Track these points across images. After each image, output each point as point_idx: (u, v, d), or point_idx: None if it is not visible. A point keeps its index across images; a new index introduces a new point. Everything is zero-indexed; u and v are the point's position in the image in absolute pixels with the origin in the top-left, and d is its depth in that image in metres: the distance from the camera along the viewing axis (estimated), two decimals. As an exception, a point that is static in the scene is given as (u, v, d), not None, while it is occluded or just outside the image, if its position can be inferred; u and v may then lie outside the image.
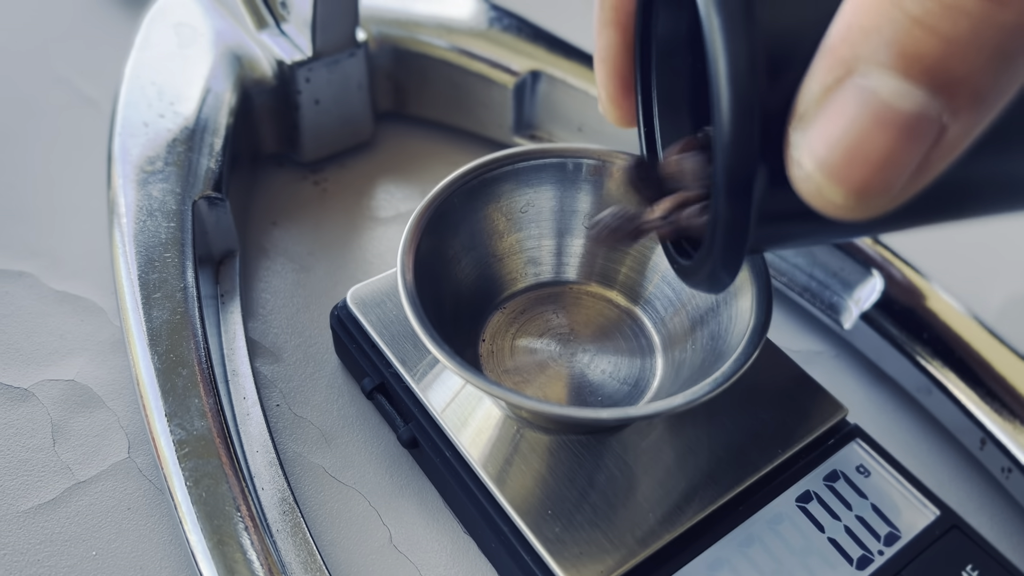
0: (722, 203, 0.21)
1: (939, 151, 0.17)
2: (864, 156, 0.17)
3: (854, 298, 0.40)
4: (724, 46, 0.19)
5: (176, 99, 0.41)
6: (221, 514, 0.29)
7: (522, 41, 0.47)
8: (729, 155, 0.20)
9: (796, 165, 0.19)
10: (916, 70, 0.17)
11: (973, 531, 0.32)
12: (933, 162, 0.18)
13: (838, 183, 0.18)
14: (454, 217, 0.33)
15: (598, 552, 0.29)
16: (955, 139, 0.17)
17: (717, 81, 0.19)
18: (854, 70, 0.17)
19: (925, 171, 0.18)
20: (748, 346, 0.29)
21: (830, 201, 0.18)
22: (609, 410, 0.27)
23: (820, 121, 0.18)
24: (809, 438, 0.33)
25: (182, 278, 0.35)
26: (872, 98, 0.17)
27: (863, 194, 0.18)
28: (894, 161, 0.17)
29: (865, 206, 0.18)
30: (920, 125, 0.17)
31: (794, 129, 0.19)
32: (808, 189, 0.19)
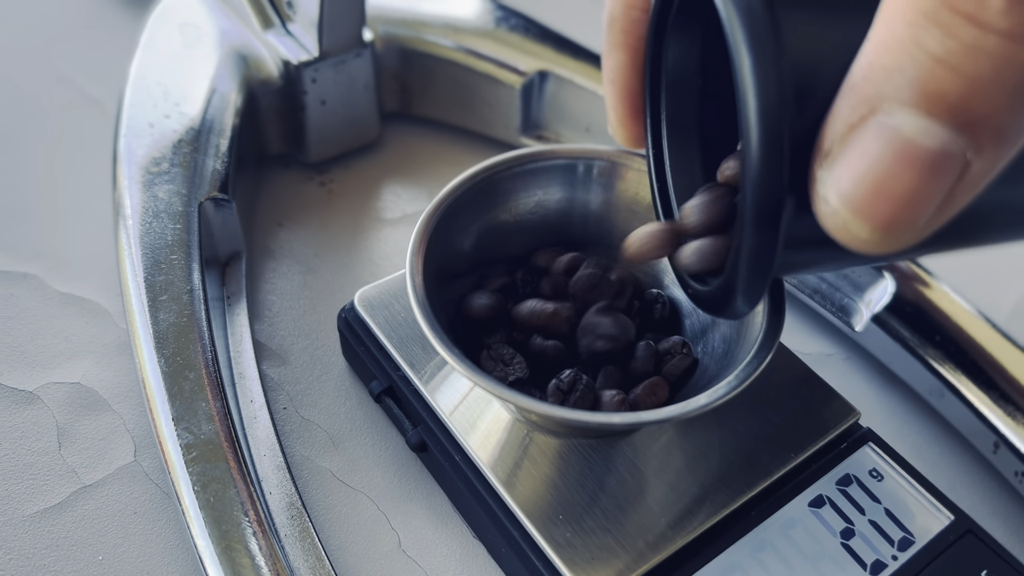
0: (749, 235, 0.21)
1: (963, 186, 0.18)
2: (889, 193, 0.18)
3: (865, 300, 0.39)
4: (755, 80, 0.19)
5: (181, 99, 0.40)
6: (229, 519, 0.29)
7: (529, 41, 0.46)
8: (758, 189, 0.20)
9: (823, 201, 0.19)
10: (940, 108, 0.17)
11: (988, 536, 0.31)
12: (957, 197, 0.18)
13: (864, 219, 0.18)
14: (462, 219, 0.33)
15: (609, 557, 0.29)
16: (978, 175, 0.18)
17: (747, 115, 0.19)
18: (878, 108, 0.17)
19: (949, 206, 0.18)
20: (760, 351, 0.29)
21: (856, 236, 0.19)
22: (620, 415, 0.27)
23: (845, 158, 0.18)
24: (822, 442, 0.33)
25: (188, 280, 0.35)
26: (896, 136, 0.17)
27: (889, 229, 0.18)
28: (919, 197, 0.18)
29: (890, 240, 0.19)
30: (944, 162, 0.17)
31: (820, 167, 0.19)
32: (835, 224, 0.19)
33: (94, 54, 0.52)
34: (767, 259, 0.22)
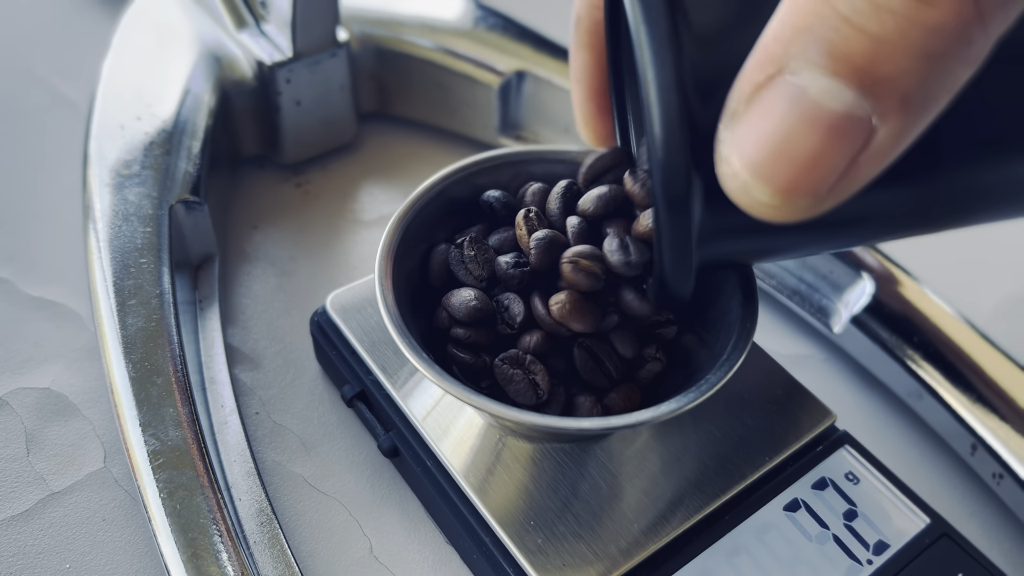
0: (662, 215, 0.21)
1: (867, 155, 0.17)
2: (791, 155, 0.17)
3: (844, 301, 0.39)
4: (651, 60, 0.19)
5: (153, 101, 0.40)
6: (196, 526, 0.29)
7: (508, 40, 0.46)
8: (663, 168, 0.20)
9: (724, 162, 0.19)
10: (845, 69, 0.16)
11: (964, 539, 0.31)
12: (861, 166, 0.17)
13: (764, 181, 0.18)
14: (435, 221, 0.33)
15: (581, 563, 0.29)
16: (884, 144, 0.17)
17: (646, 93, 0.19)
18: (785, 68, 0.17)
19: (853, 175, 0.18)
20: (733, 353, 0.28)
21: (756, 200, 0.18)
22: (591, 420, 0.27)
23: (749, 118, 0.18)
24: (797, 445, 0.32)
25: (158, 284, 0.34)
26: (801, 96, 0.17)
27: (789, 194, 0.18)
28: (821, 162, 0.17)
29: (791, 207, 0.18)
30: (848, 126, 0.17)
31: (724, 126, 0.19)
32: (735, 187, 0.19)
33: (69, 54, 0.52)
34: (683, 239, 0.21)
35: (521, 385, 0.29)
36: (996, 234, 0.47)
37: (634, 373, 0.31)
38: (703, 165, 0.20)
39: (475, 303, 0.30)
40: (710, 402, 0.33)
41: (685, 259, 0.22)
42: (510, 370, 0.29)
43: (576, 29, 0.27)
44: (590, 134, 0.29)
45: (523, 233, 0.31)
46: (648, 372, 0.31)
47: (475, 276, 0.31)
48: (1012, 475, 0.34)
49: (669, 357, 0.31)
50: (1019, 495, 0.34)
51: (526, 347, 0.30)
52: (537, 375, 0.29)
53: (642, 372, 0.31)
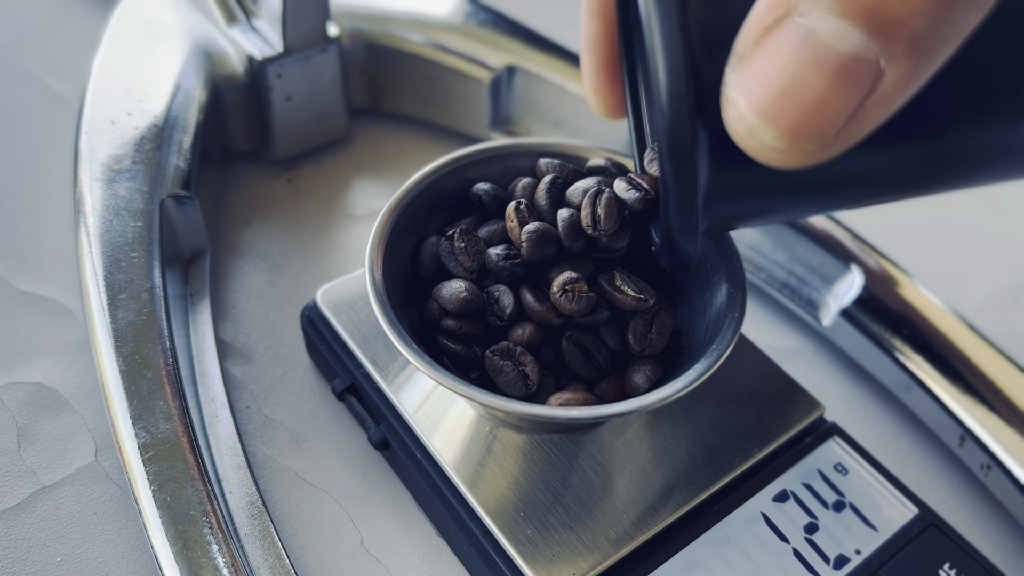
0: (667, 168, 0.21)
1: (875, 99, 0.17)
2: (799, 97, 0.17)
3: (833, 294, 0.39)
4: (655, 8, 0.19)
5: (144, 96, 0.40)
6: (186, 518, 0.29)
7: (498, 35, 0.46)
8: (667, 116, 0.20)
9: (731, 105, 0.18)
10: (854, 10, 0.16)
11: (951, 529, 0.31)
12: (869, 111, 0.17)
13: (771, 124, 0.18)
14: (426, 213, 0.33)
15: (570, 554, 0.29)
16: (892, 87, 0.17)
17: (650, 42, 0.19)
18: (793, 10, 0.17)
19: (860, 120, 0.17)
20: (721, 343, 0.28)
21: (762, 143, 0.18)
22: (580, 409, 0.27)
23: (757, 60, 0.18)
24: (786, 436, 0.33)
25: (148, 278, 0.34)
26: (809, 37, 0.17)
27: (796, 137, 0.18)
28: (829, 104, 0.17)
29: (797, 152, 0.18)
30: (856, 68, 0.17)
31: (731, 69, 0.18)
32: (741, 130, 0.18)
33: (60, 51, 0.52)
34: (689, 194, 0.21)
35: (511, 376, 0.29)
36: (984, 226, 0.47)
37: (626, 361, 0.31)
38: (709, 116, 0.19)
39: (466, 295, 0.30)
40: (699, 394, 0.33)
41: (691, 213, 0.22)
42: (500, 361, 0.29)
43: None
44: (600, 104, 0.29)
45: (514, 225, 0.31)
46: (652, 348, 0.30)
47: (465, 268, 0.31)
48: (1000, 466, 0.34)
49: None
50: (1007, 486, 0.34)
51: (517, 339, 0.30)
52: (527, 366, 0.29)
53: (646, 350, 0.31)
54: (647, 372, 0.30)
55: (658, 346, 0.30)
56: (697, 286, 0.32)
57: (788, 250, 0.40)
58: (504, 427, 0.32)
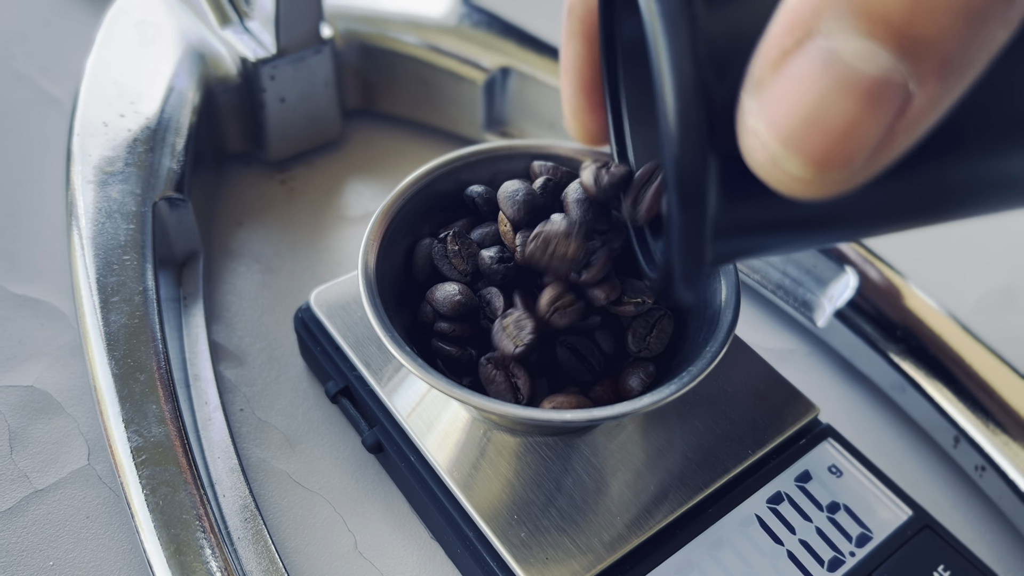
0: (675, 204, 0.19)
1: (905, 122, 0.16)
2: (825, 123, 0.16)
3: (828, 295, 0.39)
4: (663, 29, 0.18)
5: (137, 98, 0.40)
6: (179, 522, 0.29)
7: (492, 37, 0.46)
8: (678, 146, 0.18)
9: (750, 133, 0.17)
10: (881, 30, 0.15)
11: (945, 531, 0.31)
12: (898, 135, 0.16)
13: (796, 152, 0.17)
14: (419, 215, 0.33)
15: (564, 557, 0.29)
16: (922, 109, 0.16)
17: (658, 65, 0.18)
18: (815, 31, 0.16)
19: (890, 145, 0.17)
20: (714, 345, 0.28)
21: (787, 173, 0.17)
22: (573, 412, 0.27)
23: (778, 84, 0.17)
24: (780, 438, 0.32)
25: (141, 281, 0.34)
26: (834, 60, 0.16)
27: (823, 166, 0.17)
28: (858, 130, 0.16)
29: (825, 181, 0.17)
30: (885, 91, 0.16)
31: (749, 96, 0.17)
32: (763, 160, 0.17)
33: (54, 52, 0.52)
34: (697, 235, 0.20)
35: (502, 387, 0.29)
36: (979, 227, 0.47)
37: (620, 363, 0.31)
38: (720, 144, 0.18)
39: (459, 297, 0.30)
40: (693, 396, 0.33)
41: (698, 251, 0.20)
42: (493, 371, 0.29)
43: (568, 16, 0.26)
44: (579, 130, 0.28)
45: (507, 229, 0.31)
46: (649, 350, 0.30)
47: (459, 270, 0.31)
48: (994, 467, 0.34)
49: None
50: (1001, 487, 0.34)
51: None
52: (519, 379, 0.29)
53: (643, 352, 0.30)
54: (641, 375, 0.30)
55: (655, 350, 0.30)
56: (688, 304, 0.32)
57: (782, 251, 0.40)
58: (498, 430, 0.32)
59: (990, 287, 0.44)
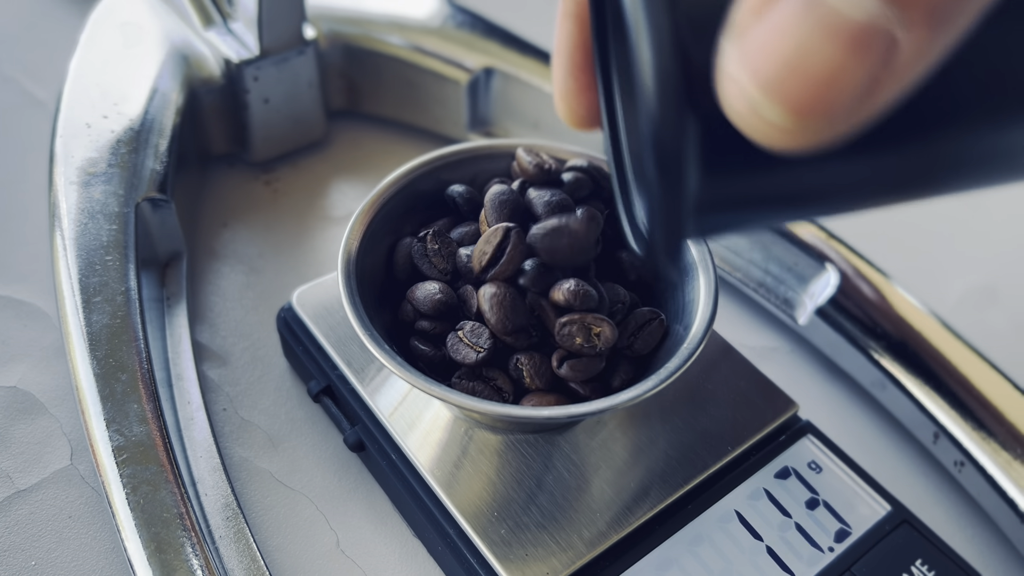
0: (650, 164, 0.18)
1: (891, 72, 0.16)
2: (808, 69, 0.16)
3: (809, 293, 0.39)
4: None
5: (120, 99, 0.40)
6: (159, 520, 0.29)
7: (476, 38, 0.46)
8: (653, 99, 0.17)
9: (730, 80, 0.17)
10: None
11: (923, 526, 0.31)
12: (884, 85, 0.16)
13: (777, 99, 0.16)
14: (401, 215, 0.33)
15: (544, 554, 0.29)
16: (908, 59, 0.16)
17: (633, 16, 0.17)
18: None
19: (875, 95, 0.16)
20: (692, 341, 0.29)
21: (767, 122, 0.16)
22: (551, 408, 0.27)
23: (759, 28, 0.16)
24: (760, 435, 0.33)
25: (124, 281, 0.34)
26: (818, 3, 0.15)
27: (805, 114, 0.16)
28: (841, 77, 0.16)
29: (807, 130, 0.16)
30: (870, 37, 0.15)
31: (728, 41, 0.17)
32: (742, 109, 0.17)
33: (37, 53, 0.52)
34: (675, 202, 0.19)
35: (485, 394, 0.29)
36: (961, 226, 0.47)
37: (633, 343, 0.31)
38: (699, 107, 0.18)
39: (439, 296, 0.30)
40: (673, 393, 0.33)
41: (678, 225, 0.20)
42: (470, 384, 0.29)
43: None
44: (568, 111, 0.27)
45: (487, 228, 0.31)
46: (645, 344, 0.31)
47: (439, 269, 0.31)
48: (973, 463, 0.34)
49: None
50: (980, 483, 0.34)
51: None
52: (497, 379, 0.29)
53: (639, 344, 0.31)
54: (621, 373, 0.30)
55: (639, 350, 0.31)
56: (671, 284, 0.32)
57: (764, 249, 0.40)
58: (480, 428, 0.32)
59: (972, 284, 0.45)
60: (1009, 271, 0.46)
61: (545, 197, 0.31)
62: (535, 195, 0.31)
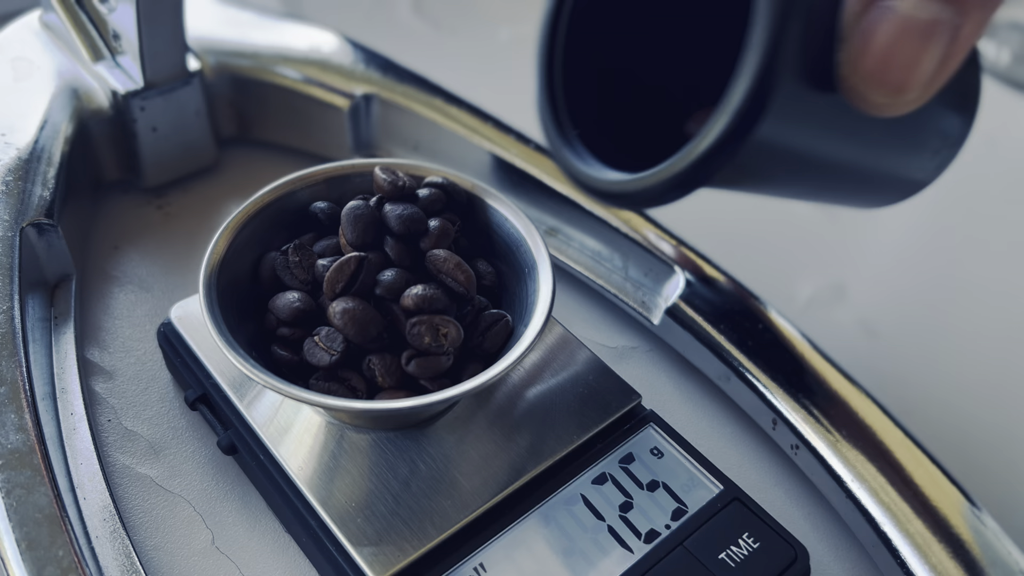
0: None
1: (956, 46, 0.22)
2: (896, 60, 0.21)
3: (663, 295, 0.42)
4: None
5: (8, 131, 0.42)
6: (31, 521, 0.31)
7: (357, 66, 0.49)
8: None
9: (845, 77, 0.22)
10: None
11: (752, 502, 0.34)
12: (953, 55, 0.22)
13: (879, 86, 0.22)
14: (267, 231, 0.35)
15: (397, 539, 0.31)
16: (968, 34, 0.22)
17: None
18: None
19: (947, 64, 0.22)
20: (527, 339, 0.31)
21: (874, 101, 0.22)
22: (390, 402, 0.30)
23: (856, 39, 0.22)
24: (604, 423, 0.35)
25: (6, 301, 0.36)
26: (894, 14, 0.21)
27: (900, 91, 0.22)
28: (921, 60, 0.21)
29: (904, 100, 0.22)
30: (937, 28, 0.21)
31: (840, 49, 0.22)
32: (856, 96, 0.22)
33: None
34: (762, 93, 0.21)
35: (340, 394, 0.32)
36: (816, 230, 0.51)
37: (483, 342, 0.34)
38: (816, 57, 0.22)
39: (298, 304, 0.33)
40: (527, 387, 0.36)
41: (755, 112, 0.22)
42: (326, 384, 0.32)
43: None
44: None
45: (345, 241, 0.34)
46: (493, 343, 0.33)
47: (300, 280, 0.34)
48: (807, 445, 0.37)
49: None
50: (814, 464, 0.37)
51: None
52: (352, 379, 0.32)
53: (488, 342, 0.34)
54: (471, 371, 0.33)
55: (489, 349, 0.33)
56: (517, 281, 0.35)
57: (624, 257, 0.43)
58: (346, 428, 0.34)
59: (823, 284, 0.48)
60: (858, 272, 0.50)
61: (397, 211, 0.34)
62: (389, 209, 0.34)
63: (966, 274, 0.51)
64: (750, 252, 0.47)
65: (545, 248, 0.35)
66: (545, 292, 0.33)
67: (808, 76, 0.22)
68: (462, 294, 0.33)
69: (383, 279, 0.33)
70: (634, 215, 0.44)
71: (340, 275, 0.32)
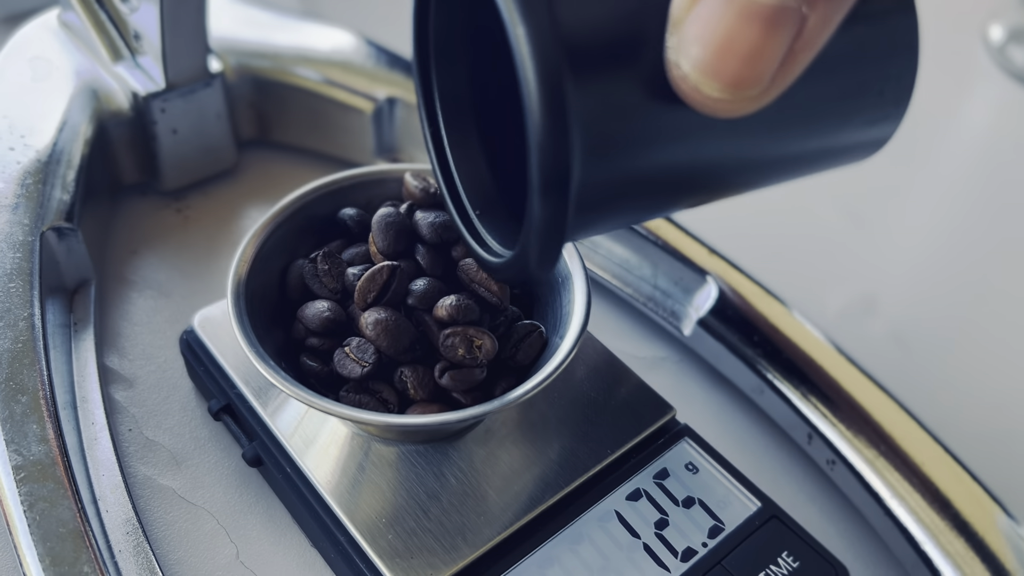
0: (539, 141, 0.20)
1: (802, 42, 0.19)
2: (734, 50, 0.19)
3: (694, 305, 0.42)
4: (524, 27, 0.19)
5: (28, 132, 0.41)
6: (55, 536, 0.30)
7: (380, 69, 0.48)
8: (539, 143, 0.20)
9: (674, 67, 0.20)
10: None
11: (791, 520, 0.33)
12: (798, 53, 0.19)
13: (714, 77, 0.19)
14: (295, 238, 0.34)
15: (428, 556, 0.30)
16: (815, 30, 0.19)
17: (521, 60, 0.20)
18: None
19: (792, 62, 0.20)
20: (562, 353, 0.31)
21: (708, 97, 0.20)
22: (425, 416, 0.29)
23: (691, 24, 0.19)
24: (638, 438, 0.35)
25: (27, 307, 0.35)
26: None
27: (738, 86, 0.19)
28: (762, 52, 0.19)
29: (741, 99, 0.20)
30: (781, 16, 0.19)
31: (670, 35, 0.20)
32: (688, 88, 0.20)
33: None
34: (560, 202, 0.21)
35: (371, 406, 0.31)
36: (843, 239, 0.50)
37: (515, 354, 0.33)
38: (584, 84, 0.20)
39: (327, 314, 0.32)
40: (559, 402, 0.35)
41: (560, 224, 0.21)
42: (356, 396, 0.31)
43: None
44: None
45: (375, 250, 0.33)
46: (526, 355, 0.33)
47: (329, 289, 0.33)
48: (844, 461, 0.37)
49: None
50: (850, 479, 0.36)
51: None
52: (383, 392, 0.31)
53: (521, 354, 0.33)
54: (504, 383, 0.32)
55: (522, 362, 0.33)
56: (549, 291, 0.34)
57: (653, 266, 0.43)
58: (374, 441, 0.33)
59: (853, 295, 0.47)
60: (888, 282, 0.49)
61: (429, 219, 0.33)
62: (420, 217, 0.33)
63: (999, 283, 0.50)
64: (779, 262, 0.46)
65: (579, 258, 0.34)
66: (580, 303, 0.32)
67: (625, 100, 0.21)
68: (495, 304, 0.32)
69: (415, 289, 0.32)
70: (663, 222, 0.43)
71: (372, 285, 0.31)
